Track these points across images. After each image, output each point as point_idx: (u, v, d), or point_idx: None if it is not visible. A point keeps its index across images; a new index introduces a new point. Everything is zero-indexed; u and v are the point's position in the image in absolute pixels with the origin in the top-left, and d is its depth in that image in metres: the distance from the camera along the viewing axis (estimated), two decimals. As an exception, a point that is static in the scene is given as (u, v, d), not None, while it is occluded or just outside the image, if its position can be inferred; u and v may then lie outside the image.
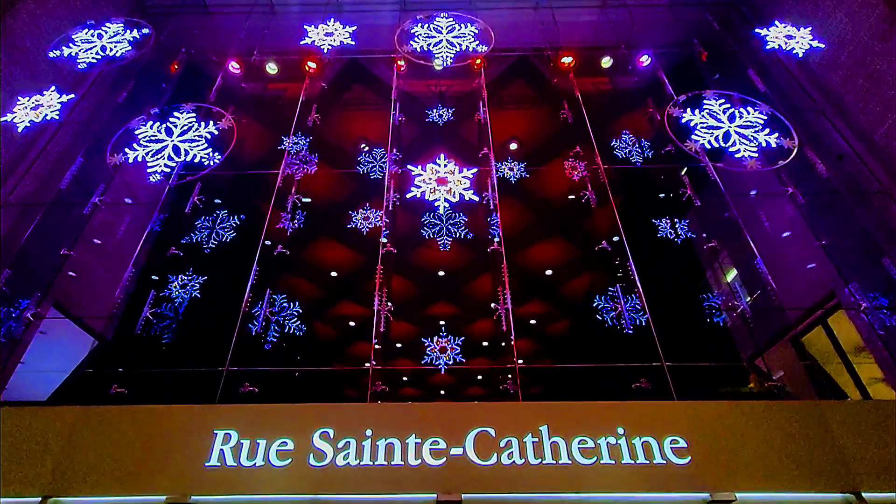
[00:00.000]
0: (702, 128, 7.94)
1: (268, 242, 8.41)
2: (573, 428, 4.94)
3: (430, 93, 10.86)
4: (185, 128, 7.85)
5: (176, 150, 7.66)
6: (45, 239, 8.30)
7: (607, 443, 4.86)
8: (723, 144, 7.84)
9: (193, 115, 7.83)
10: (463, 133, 11.07)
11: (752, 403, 5.09)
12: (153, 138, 7.76)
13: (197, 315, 7.95)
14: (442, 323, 10.82)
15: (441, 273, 11.96)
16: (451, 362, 6.55)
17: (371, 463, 4.88)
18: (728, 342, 8.10)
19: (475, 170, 7.86)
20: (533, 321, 11.70)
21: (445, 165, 7.70)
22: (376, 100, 10.99)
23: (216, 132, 7.77)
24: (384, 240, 8.02)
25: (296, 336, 7.57)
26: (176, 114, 7.90)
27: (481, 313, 10.34)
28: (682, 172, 8.44)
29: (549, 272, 12.61)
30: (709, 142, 7.83)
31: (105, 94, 9.37)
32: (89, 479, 4.86)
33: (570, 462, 4.79)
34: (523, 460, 4.82)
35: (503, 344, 7.46)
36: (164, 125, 7.84)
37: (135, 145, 7.70)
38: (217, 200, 8.70)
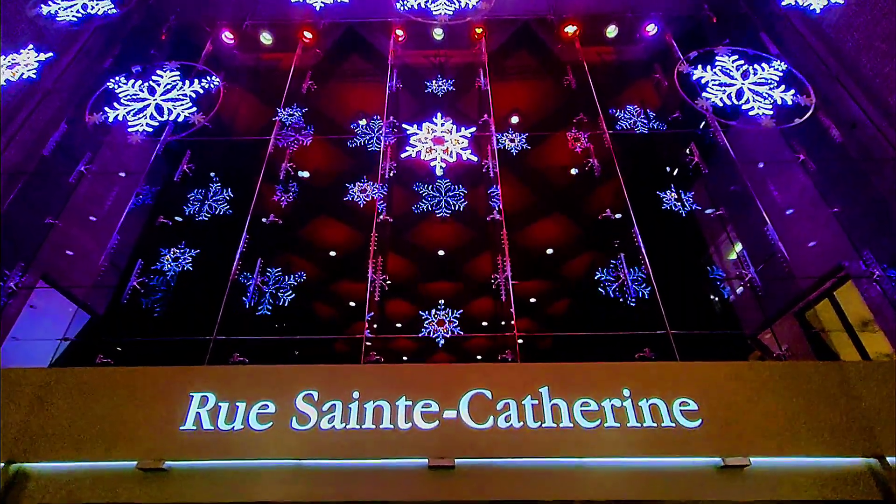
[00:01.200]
0: (713, 85, 7.57)
1: (264, 220, 8.12)
2: (576, 390, 4.60)
3: (429, 64, 10.51)
4: (169, 87, 7.51)
5: (159, 109, 7.33)
6: (31, 209, 8.02)
7: (612, 405, 4.51)
8: (735, 102, 7.46)
9: (178, 73, 7.49)
10: (462, 107, 10.71)
11: (768, 364, 4.75)
12: (135, 97, 7.43)
13: (189, 289, 7.66)
14: (441, 301, 10.50)
15: (441, 252, 11.64)
16: (448, 335, 6.23)
17: (358, 427, 4.55)
18: (732, 315, 7.77)
19: (473, 128, 7.50)
20: (533, 299, 11.35)
21: (443, 124, 7.34)
22: (373, 71, 10.64)
23: (201, 91, 7.42)
24: (380, 210, 7.71)
25: (292, 313, 7.27)
26: (159, 72, 7.57)
27: (481, 291, 10.01)
28: (687, 152, 8.08)
29: (549, 251, 12.26)
30: (721, 99, 7.45)
31: (92, 62, 9.05)
32: (57, 444, 4.54)
33: (571, 425, 4.45)
34: (521, 423, 4.48)
35: (503, 323, 7.14)
36: (146, 84, 7.51)
37: (115, 104, 7.36)
38: (211, 174, 8.42)
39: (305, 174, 9.07)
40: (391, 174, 8.11)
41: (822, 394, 4.53)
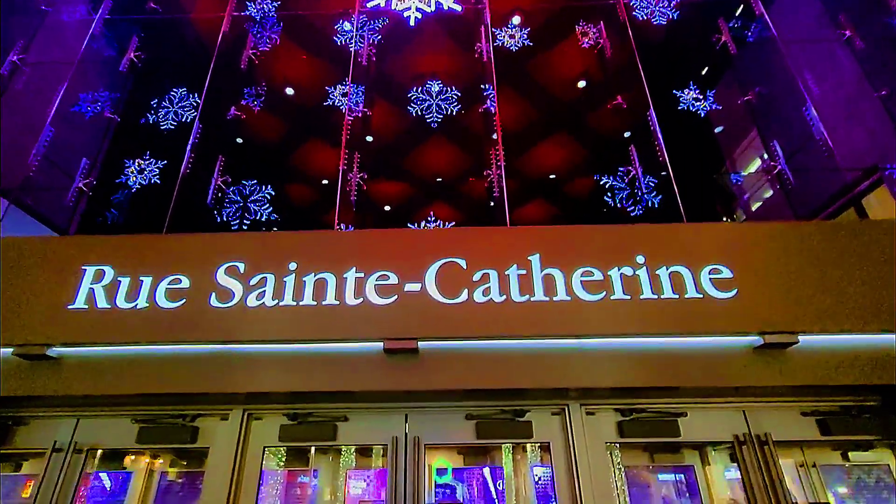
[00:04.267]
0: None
1: (239, 140, 7.01)
2: (575, 257, 3.57)
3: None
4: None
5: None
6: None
7: (622, 275, 3.50)
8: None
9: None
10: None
11: (816, 223, 3.70)
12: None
13: (156, 203, 6.62)
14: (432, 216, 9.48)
15: (438, 178, 10.45)
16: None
17: (294, 303, 3.54)
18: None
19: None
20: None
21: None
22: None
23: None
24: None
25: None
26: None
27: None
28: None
29: (552, 176, 11.05)
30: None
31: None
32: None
33: (569, 298, 3.45)
34: (503, 297, 3.47)
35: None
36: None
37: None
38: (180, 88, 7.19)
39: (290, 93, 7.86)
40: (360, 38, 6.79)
41: (881, 258, 3.51)
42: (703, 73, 7.30)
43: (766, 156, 7.62)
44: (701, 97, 6.64)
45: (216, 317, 3.53)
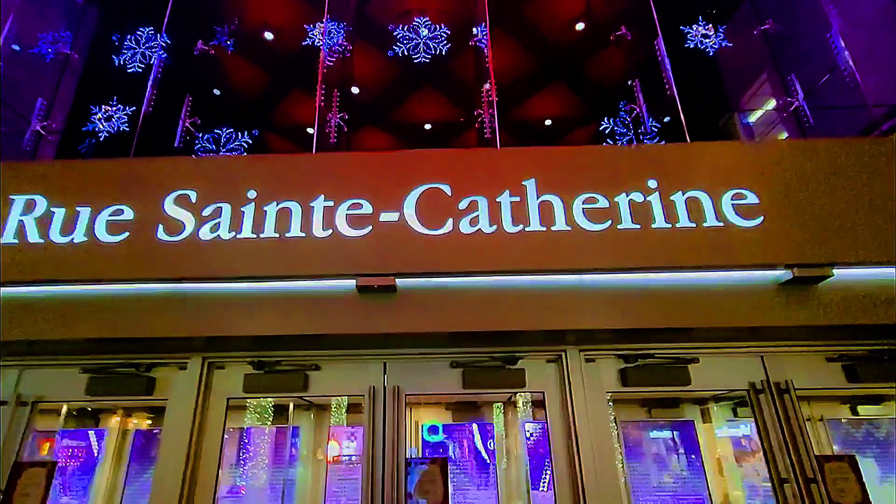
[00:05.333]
0: None
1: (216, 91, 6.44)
2: (576, 182, 3.10)
3: None
4: None
5: None
6: None
7: (630, 201, 3.03)
8: None
9: None
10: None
11: (855, 140, 3.21)
12: None
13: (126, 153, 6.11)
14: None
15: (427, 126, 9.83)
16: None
17: (254, 236, 3.08)
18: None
19: None
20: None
21: None
22: None
23: None
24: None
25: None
26: None
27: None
28: None
29: (548, 122, 10.41)
30: None
31: None
32: None
33: (569, 228, 2.99)
34: (494, 227, 3.02)
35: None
36: None
37: None
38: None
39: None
40: None
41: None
42: (716, 4, 6.63)
43: (772, 109, 7.06)
44: (711, 33, 6.02)
45: (165, 252, 3.08)
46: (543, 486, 4.73)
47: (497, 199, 3.07)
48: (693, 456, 4.76)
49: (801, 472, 2.87)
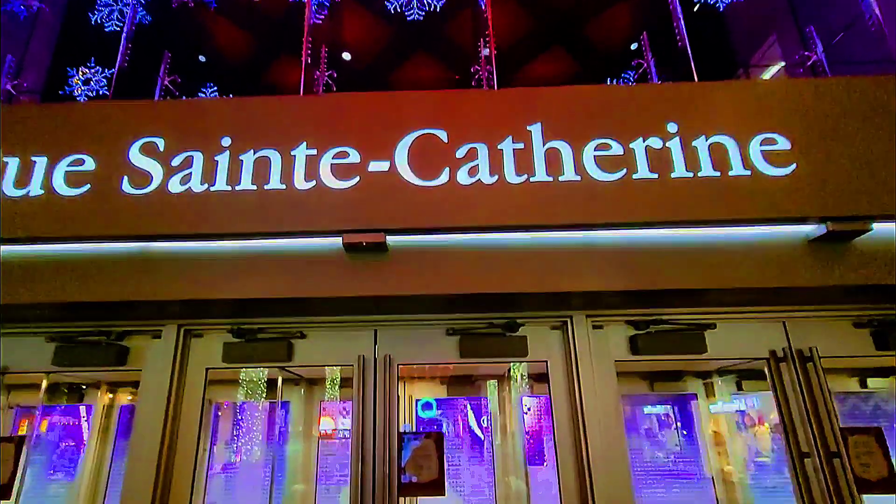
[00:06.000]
0: None
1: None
2: (587, 126, 2.79)
3: None
4: None
5: None
6: None
7: (647, 147, 2.73)
8: None
9: None
10: None
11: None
12: None
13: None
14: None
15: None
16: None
17: (229, 188, 2.78)
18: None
19: None
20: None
21: None
22: None
23: None
24: None
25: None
26: None
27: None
28: None
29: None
30: None
31: None
32: None
33: (578, 178, 2.69)
34: (495, 177, 2.72)
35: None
36: None
37: None
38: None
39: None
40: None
41: None
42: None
43: (787, 64, 6.69)
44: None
45: (131, 207, 2.77)
46: (543, 463, 4.55)
47: (498, 147, 2.76)
48: (686, 431, 4.59)
49: (824, 446, 2.64)
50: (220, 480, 4.56)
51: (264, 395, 4.62)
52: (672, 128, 2.73)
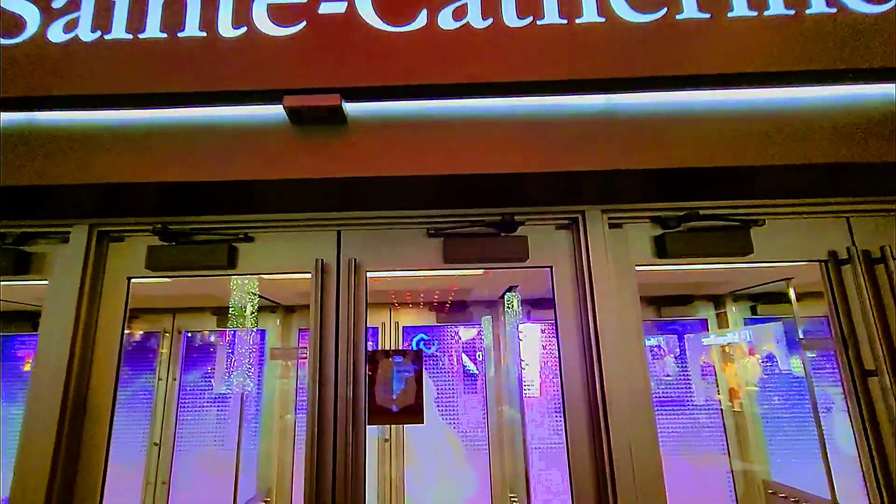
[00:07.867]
0: None
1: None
2: (614, -49, 2.05)
3: None
4: None
5: None
6: None
7: (695, -23, 2.01)
8: None
9: None
10: None
11: None
12: None
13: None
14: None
15: None
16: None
17: (129, 36, 2.06)
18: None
19: None
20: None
21: None
22: None
23: None
24: None
25: None
26: None
27: None
28: None
29: None
30: None
31: None
32: None
33: (601, 20, 2.00)
34: (489, 21, 2.02)
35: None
36: None
37: None
38: None
39: None
40: None
41: None
42: None
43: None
44: None
45: (2, 62, 2.06)
46: (529, 391, 4.21)
47: (494, -20, 2.03)
48: (683, 361, 4.47)
49: (894, 363, 2.15)
50: (191, 412, 4.33)
51: (239, 323, 4.16)
52: (731, -52, 2.00)
